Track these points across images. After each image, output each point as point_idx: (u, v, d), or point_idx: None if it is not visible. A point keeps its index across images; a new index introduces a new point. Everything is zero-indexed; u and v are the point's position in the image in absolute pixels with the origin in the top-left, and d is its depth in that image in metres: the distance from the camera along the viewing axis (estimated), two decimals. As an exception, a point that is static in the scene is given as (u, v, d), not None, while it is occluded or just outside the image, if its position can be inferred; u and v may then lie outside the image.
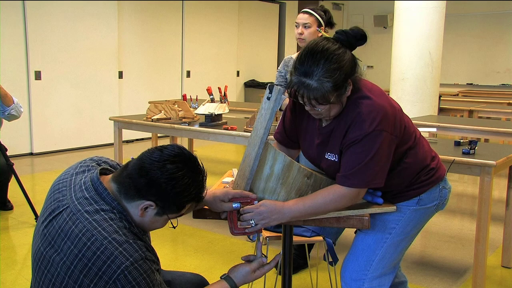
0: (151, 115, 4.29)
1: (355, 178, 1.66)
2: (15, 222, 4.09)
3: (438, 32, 5.62)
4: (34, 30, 6.55)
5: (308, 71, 1.60)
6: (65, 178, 1.54)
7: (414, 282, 3.07)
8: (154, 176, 1.41)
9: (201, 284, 1.83)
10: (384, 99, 1.72)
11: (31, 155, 6.75)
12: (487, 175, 2.73)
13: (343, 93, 1.65)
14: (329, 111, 1.68)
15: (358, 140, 1.65)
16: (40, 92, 6.72)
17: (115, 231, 1.37)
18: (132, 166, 1.45)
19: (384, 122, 1.64)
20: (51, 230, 1.41)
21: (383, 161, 1.67)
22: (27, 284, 2.99)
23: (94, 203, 1.41)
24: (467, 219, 4.47)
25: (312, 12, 3.06)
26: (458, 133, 4.66)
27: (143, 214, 1.45)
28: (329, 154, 1.77)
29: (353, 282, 1.89)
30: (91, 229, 1.35)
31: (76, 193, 1.45)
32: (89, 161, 1.63)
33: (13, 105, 3.86)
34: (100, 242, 1.34)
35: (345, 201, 1.70)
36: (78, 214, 1.39)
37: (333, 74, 1.59)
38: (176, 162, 1.44)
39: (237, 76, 10.12)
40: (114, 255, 1.33)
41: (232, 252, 3.47)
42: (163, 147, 1.48)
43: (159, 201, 1.44)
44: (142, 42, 8.07)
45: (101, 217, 1.38)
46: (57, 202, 1.46)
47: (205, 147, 7.64)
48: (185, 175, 1.44)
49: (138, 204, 1.44)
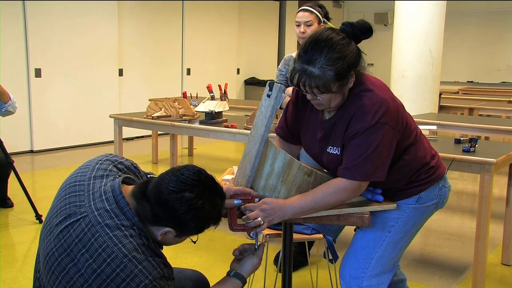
0: (151, 113, 4.29)
1: (356, 171, 1.65)
2: (15, 219, 4.09)
3: (438, 30, 5.61)
4: (34, 27, 6.55)
5: (311, 59, 1.60)
6: (81, 181, 1.50)
7: (413, 280, 3.07)
8: (173, 207, 1.39)
9: (200, 281, 1.83)
10: (386, 93, 1.71)
11: (31, 153, 6.75)
12: (487, 173, 2.73)
13: (345, 84, 1.65)
14: (329, 101, 1.67)
15: (360, 133, 1.64)
16: (40, 89, 6.72)
17: (135, 248, 1.36)
18: (151, 191, 1.42)
19: (386, 116, 1.64)
20: (67, 237, 1.39)
21: (385, 154, 1.66)
22: (27, 281, 3.00)
23: (115, 216, 1.40)
24: (467, 216, 4.47)
25: (312, 10, 3.05)
26: (458, 131, 4.66)
27: (163, 238, 1.47)
28: (331, 148, 1.76)
29: (352, 280, 1.88)
30: (112, 246, 1.35)
31: (96, 203, 1.42)
32: (106, 163, 1.58)
33: (10, 102, 3.88)
34: (120, 260, 1.34)
35: (346, 194, 1.69)
36: (98, 226, 1.37)
37: (336, 63, 1.58)
38: (194, 190, 1.41)
39: (237, 74, 10.11)
40: (134, 273, 1.34)
41: (232, 250, 3.47)
42: (180, 171, 1.44)
43: (178, 228, 1.45)
44: (142, 39, 8.06)
45: (121, 233, 1.37)
46: (73, 207, 1.43)
47: (205, 144, 7.64)
48: (205, 204, 1.42)
49: (158, 229, 1.44)
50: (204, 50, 9.12)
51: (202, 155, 7.01)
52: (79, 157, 6.64)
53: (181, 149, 7.13)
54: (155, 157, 6.30)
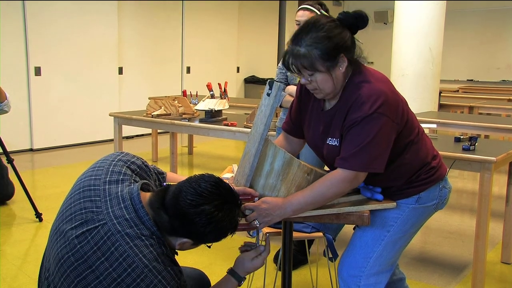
0: (151, 111, 4.29)
1: (353, 160, 1.64)
2: (15, 218, 4.09)
3: (438, 28, 5.61)
4: (33, 25, 6.54)
5: (298, 40, 1.64)
6: (96, 185, 1.49)
7: (413, 278, 3.07)
8: (192, 221, 1.40)
9: (200, 279, 1.83)
10: (386, 85, 1.70)
11: (31, 151, 6.74)
12: (487, 171, 2.73)
13: (335, 66, 1.65)
14: (321, 84, 1.67)
15: (357, 122, 1.64)
16: (40, 88, 6.72)
17: (155, 258, 1.38)
18: (169, 202, 1.42)
19: (385, 106, 1.63)
20: (84, 244, 1.38)
21: (383, 146, 1.66)
22: (27, 280, 3.00)
23: (134, 226, 1.40)
24: (467, 215, 4.47)
25: (312, 8, 3.05)
26: (458, 129, 4.66)
27: (181, 247, 1.49)
28: (330, 139, 1.76)
29: (350, 278, 1.88)
30: (133, 255, 1.35)
31: (115, 210, 1.42)
32: (119, 164, 1.57)
33: (6, 101, 3.88)
34: (140, 270, 1.35)
35: (343, 185, 1.67)
36: (118, 236, 1.37)
37: (321, 41, 1.61)
38: (213, 203, 1.41)
39: (237, 72, 10.11)
40: (154, 283, 1.36)
41: (232, 248, 3.47)
42: (197, 183, 1.43)
43: (196, 240, 1.46)
44: (142, 38, 8.06)
45: (142, 243, 1.38)
46: (90, 213, 1.43)
47: (205, 143, 7.64)
48: (224, 216, 1.42)
49: (175, 239, 1.46)
50: (204, 48, 9.12)
51: (202, 153, 7.01)
52: (79, 156, 6.64)
53: (181, 148, 7.13)
54: (155, 155, 6.30)
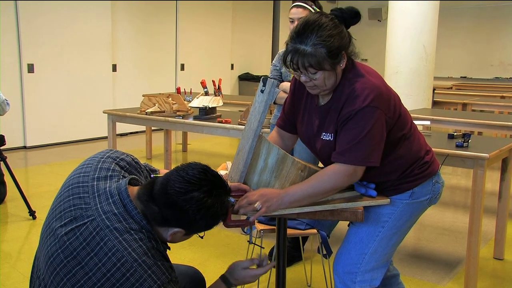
0: (145, 108, 4.28)
1: (350, 155, 1.66)
2: (9, 215, 4.07)
3: (432, 25, 5.62)
4: (26, 22, 6.51)
5: (302, 39, 1.63)
6: (85, 182, 1.48)
7: (407, 275, 3.09)
8: (182, 208, 1.39)
9: (195, 276, 1.83)
10: (379, 80, 1.73)
11: (24, 149, 6.71)
12: (480, 168, 2.74)
13: (338, 63, 1.67)
14: (324, 81, 1.68)
15: (351, 116, 1.65)
16: (33, 85, 6.68)
17: (145, 253, 1.37)
18: (158, 192, 1.41)
19: (378, 100, 1.65)
20: (73, 240, 1.38)
21: (378, 139, 1.68)
22: (20, 277, 2.99)
23: (123, 220, 1.39)
24: (460, 211, 4.49)
25: (305, 6, 3.05)
26: (451, 126, 4.67)
27: (173, 238, 1.47)
28: (325, 134, 1.77)
29: (346, 275, 1.89)
30: (121, 250, 1.34)
31: (103, 205, 1.41)
32: (108, 161, 1.56)
33: None
34: (130, 264, 1.34)
35: (341, 179, 1.69)
36: (107, 230, 1.36)
37: (327, 40, 1.62)
38: (202, 189, 1.40)
39: (231, 69, 10.10)
40: (143, 278, 1.35)
41: (227, 245, 3.48)
42: (185, 171, 1.42)
43: (188, 228, 1.45)
44: (136, 35, 8.03)
45: (131, 237, 1.37)
46: (79, 210, 1.42)
47: (199, 140, 7.64)
48: (214, 202, 1.42)
49: (166, 230, 1.45)
50: (198, 45, 9.10)
51: (196, 150, 7.00)
52: (72, 153, 6.62)
53: (175, 145, 7.12)
54: (149, 152, 6.29)
